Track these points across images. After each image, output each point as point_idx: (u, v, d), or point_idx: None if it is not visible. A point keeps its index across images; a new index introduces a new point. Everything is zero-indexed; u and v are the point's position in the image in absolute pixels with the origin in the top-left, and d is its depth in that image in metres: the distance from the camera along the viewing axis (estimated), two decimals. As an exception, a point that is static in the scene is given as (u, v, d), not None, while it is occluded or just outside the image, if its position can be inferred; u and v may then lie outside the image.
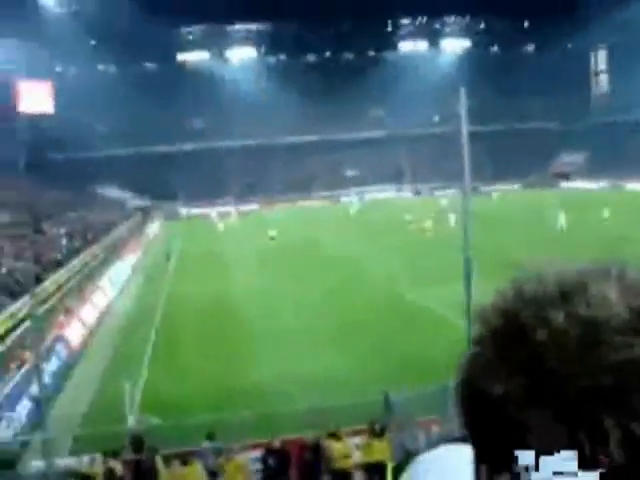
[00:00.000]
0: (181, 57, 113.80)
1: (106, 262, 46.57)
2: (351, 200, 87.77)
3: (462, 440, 0.94)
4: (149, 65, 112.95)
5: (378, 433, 14.81)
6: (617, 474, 0.66)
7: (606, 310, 0.70)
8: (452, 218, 52.78)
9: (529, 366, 0.70)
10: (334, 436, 14.97)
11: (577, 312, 0.71)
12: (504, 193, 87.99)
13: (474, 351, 0.77)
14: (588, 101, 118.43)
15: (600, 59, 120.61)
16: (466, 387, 0.77)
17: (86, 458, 15.51)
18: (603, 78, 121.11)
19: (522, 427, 0.70)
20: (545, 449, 0.68)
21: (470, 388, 0.76)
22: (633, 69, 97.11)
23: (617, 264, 0.77)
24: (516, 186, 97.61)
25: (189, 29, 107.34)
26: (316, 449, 14.81)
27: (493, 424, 0.73)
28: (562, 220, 49.42)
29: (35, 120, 59.51)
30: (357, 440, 15.55)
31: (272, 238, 53.24)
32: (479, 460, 0.76)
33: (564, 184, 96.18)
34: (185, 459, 14.20)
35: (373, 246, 47.86)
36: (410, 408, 14.98)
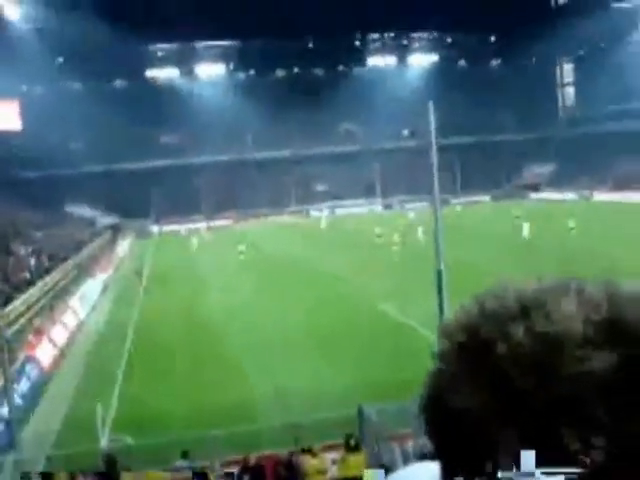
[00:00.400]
0: (150, 74, 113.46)
1: (76, 281, 46.16)
2: (321, 215, 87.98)
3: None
4: (118, 82, 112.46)
5: (353, 447, 14.78)
6: None
7: (564, 324, 0.71)
8: (419, 231, 53.74)
9: (491, 381, 0.71)
10: (309, 452, 14.92)
11: (536, 327, 0.71)
12: (467, 205, 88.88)
13: (438, 366, 0.78)
14: (556, 113, 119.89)
15: (566, 72, 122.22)
16: (431, 402, 0.78)
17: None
18: (570, 90, 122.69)
19: (486, 441, 0.70)
20: (509, 463, 0.68)
21: (435, 403, 0.77)
22: (598, 81, 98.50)
23: (576, 279, 0.78)
24: (486, 198, 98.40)
25: (158, 46, 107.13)
26: (291, 465, 14.75)
27: (458, 439, 0.73)
28: (526, 230, 49.93)
29: (3, 138, 59.01)
30: (332, 455, 15.50)
31: (241, 252, 53.59)
32: (446, 475, 0.77)
33: (533, 195, 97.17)
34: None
35: (341, 259, 48.09)
36: (385, 422, 14.97)
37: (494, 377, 0.71)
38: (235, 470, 15.06)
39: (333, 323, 30.00)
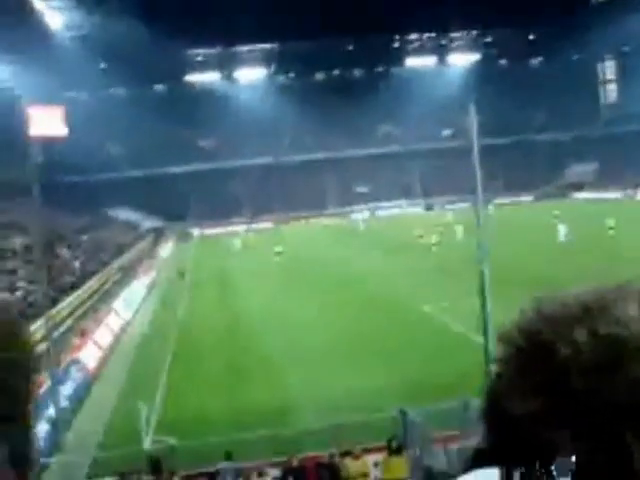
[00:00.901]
0: (190, 78, 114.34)
1: (120, 284, 46.69)
2: (360, 216, 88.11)
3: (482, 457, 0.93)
4: (159, 87, 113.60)
5: (396, 450, 14.71)
6: None
7: (629, 327, 0.70)
8: (458, 231, 53.89)
9: (552, 384, 0.70)
10: (351, 454, 14.89)
11: (599, 329, 0.71)
12: (509, 205, 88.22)
13: (498, 370, 0.77)
14: (598, 111, 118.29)
15: (608, 69, 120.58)
16: (490, 406, 0.78)
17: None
18: (612, 88, 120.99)
19: (545, 446, 0.69)
20: (567, 467, 0.68)
21: (494, 407, 0.77)
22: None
23: (637, 283, 0.77)
24: (529, 198, 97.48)
25: (198, 50, 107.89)
26: (333, 467, 14.73)
27: (517, 443, 0.72)
28: (562, 231, 49.43)
29: (47, 144, 59.89)
30: (374, 457, 15.45)
31: (278, 254, 54.33)
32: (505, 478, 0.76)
33: (576, 194, 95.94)
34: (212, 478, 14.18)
35: (379, 260, 48.36)
36: (427, 424, 14.88)
37: (555, 380, 0.70)
38: (278, 472, 15.11)
39: (368, 324, 30.08)
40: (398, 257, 49.25)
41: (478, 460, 0.81)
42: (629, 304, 0.74)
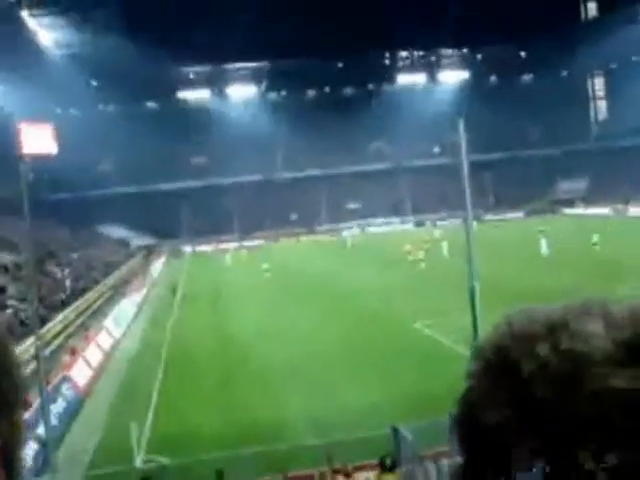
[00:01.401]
0: (182, 95, 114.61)
1: (111, 301, 46.59)
2: (349, 233, 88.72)
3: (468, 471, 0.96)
4: (150, 104, 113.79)
5: (389, 468, 14.65)
6: None
7: (588, 343, 0.74)
8: (444, 247, 55.25)
9: (517, 397, 0.74)
10: (342, 472, 14.82)
11: (561, 345, 0.75)
12: (498, 222, 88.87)
13: (470, 384, 0.81)
14: (588, 127, 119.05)
15: (598, 85, 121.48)
16: (462, 419, 0.81)
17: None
18: (602, 104, 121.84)
19: (507, 455, 0.74)
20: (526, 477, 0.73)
21: (466, 420, 0.80)
22: (630, 94, 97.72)
23: (602, 300, 0.81)
24: (520, 214, 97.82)
25: (189, 68, 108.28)
26: (326, 485, 14.65)
27: (485, 453, 0.77)
28: (544, 246, 50.52)
29: (37, 161, 59.89)
30: (365, 474, 15.38)
31: (266, 271, 55.41)
32: None
33: (567, 210, 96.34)
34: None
35: (366, 276, 48.93)
36: (419, 440, 14.85)
37: (520, 394, 0.74)
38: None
39: (349, 337, 30.57)
40: (385, 273, 49.81)
41: (464, 475, 0.83)
42: (591, 320, 0.77)
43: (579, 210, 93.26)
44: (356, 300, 39.79)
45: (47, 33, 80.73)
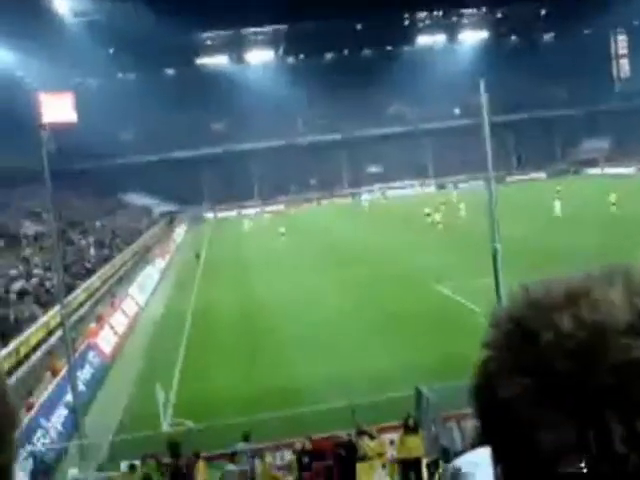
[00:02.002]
0: (201, 61, 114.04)
1: (135, 268, 46.93)
2: (367, 197, 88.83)
3: None
4: (169, 71, 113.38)
5: (412, 429, 14.75)
6: (621, 469, 0.69)
7: (610, 312, 0.73)
8: (462, 209, 56.08)
9: (536, 368, 0.73)
10: (367, 433, 14.95)
11: (581, 315, 0.73)
12: (520, 183, 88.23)
13: (487, 355, 0.80)
14: (611, 86, 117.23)
15: (620, 43, 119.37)
16: (480, 389, 0.81)
17: (124, 464, 15.61)
18: (624, 62, 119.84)
19: (531, 427, 0.73)
20: (554, 448, 0.71)
21: (483, 390, 0.80)
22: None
23: (624, 267, 0.79)
24: (542, 174, 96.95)
25: (207, 34, 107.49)
26: (350, 447, 14.79)
27: (505, 424, 0.76)
28: (558, 207, 50.63)
29: (59, 130, 60.02)
30: (390, 436, 15.51)
31: (282, 234, 56.86)
32: (497, 459, 0.79)
33: (590, 170, 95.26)
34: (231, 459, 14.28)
35: (382, 238, 49.50)
36: (442, 402, 14.92)
37: (539, 365, 0.73)
38: (294, 452, 15.20)
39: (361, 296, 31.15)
40: (402, 235, 50.26)
41: (481, 444, 0.83)
42: (613, 289, 0.76)
43: (602, 170, 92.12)
44: (372, 263, 39.97)
45: (64, 1, 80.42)
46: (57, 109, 59.11)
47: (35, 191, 45.58)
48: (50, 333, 26.93)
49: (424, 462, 14.16)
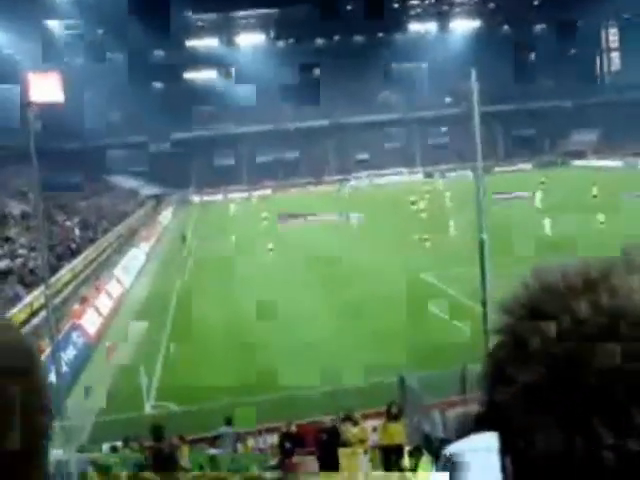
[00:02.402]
0: (190, 44, 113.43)
1: (120, 250, 46.80)
2: (354, 183, 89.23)
3: (480, 422, 0.94)
4: (158, 52, 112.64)
5: (395, 416, 14.82)
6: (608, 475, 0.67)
7: (629, 299, 0.70)
8: (447, 198, 56.74)
9: (551, 355, 0.71)
10: (350, 419, 15.01)
11: (601, 301, 0.71)
12: (491, 174, 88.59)
13: (500, 340, 0.78)
14: (601, 79, 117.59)
15: (611, 36, 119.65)
16: (492, 373, 0.78)
17: (105, 446, 15.61)
18: (615, 55, 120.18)
19: (544, 413, 0.71)
20: (549, 445, 0.69)
21: (496, 374, 0.77)
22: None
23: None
24: (529, 165, 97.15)
25: (197, 16, 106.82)
26: (332, 432, 14.85)
27: (515, 411, 0.73)
28: (538, 199, 51.51)
29: (45, 110, 59.62)
30: (373, 422, 15.58)
31: (265, 219, 57.99)
32: (503, 446, 0.77)
33: (577, 162, 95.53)
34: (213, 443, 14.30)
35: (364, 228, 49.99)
36: (425, 390, 14.99)
37: (554, 351, 0.71)
38: (276, 437, 15.25)
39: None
40: (386, 223, 50.45)
41: (475, 426, 0.82)
42: (633, 276, 0.73)
43: (590, 162, 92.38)
44: (350, 253, 39.98)
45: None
46: (44, 88, 58.69)
47: (21, 170, 45.32)
48: (34, 314, 26.83)
49: (406, 449, 14.23)
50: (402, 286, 29.34)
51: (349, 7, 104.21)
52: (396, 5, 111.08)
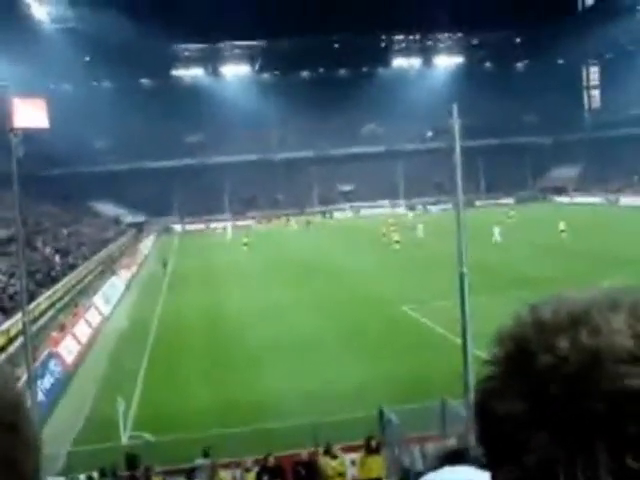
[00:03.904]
0: (176, 73, 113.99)
1: (100, 278, 46.53)
2: (344, 214, 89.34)
3: (457, 456, 0.96)
4: (144, 81, 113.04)
5: (374, 449, 14.74)
6: None
7: (610, 339, 0.72)
8: (420, 231, 58.96)
9: (532, 389, 0.73)
10: (329, 453, 14.91)
11: (581, 340, 0.72)
12: (473, 207, 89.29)
13: (488, 372, 0.80)
14: (582, 115, 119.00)
15: (592, 74, 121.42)
16: (479, 406, 0.81)
17: (82, 476, 15.40)
18: (595, 93, 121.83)
19: (522, 447, 0.73)
20: (543, 470, 0.71)
21: (482, 407, 0.80)
22: (624, 84, 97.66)
23: (633, 292, 0.78)
24: (511, 200, 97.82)
25: (184, 46, 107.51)
26: (310, 466, 14.74)
27: (499, 443, 0.76)
28: (497, 234, 52.80)
29: (30, 136, 59.59)
30: (352, 456, 15.47)
31: (245, 244, 60.06)
32: (493, 473, 0.80)
33: (558, 198, 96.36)
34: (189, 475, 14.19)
35: (337, 257, 51.10)
36: (405, 424, 14.91)
37: (535, 387, 0.73)
38: (255, 469, 15.09)
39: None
40: (359, 254, 51.76)
41: (451, 458, 0.82)
42: (616, 314, 0.74)
43: (569, 198, 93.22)
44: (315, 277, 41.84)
45: (41, 7, 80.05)
46: (29, 114, 58.71)
47: (2, 196, 45.03)
48: (11, 340, 26.54)
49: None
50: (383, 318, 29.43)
51: (334, 40, 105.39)
52: (381, 40, 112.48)
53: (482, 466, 1.13)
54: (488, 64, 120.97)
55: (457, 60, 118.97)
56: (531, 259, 42.13)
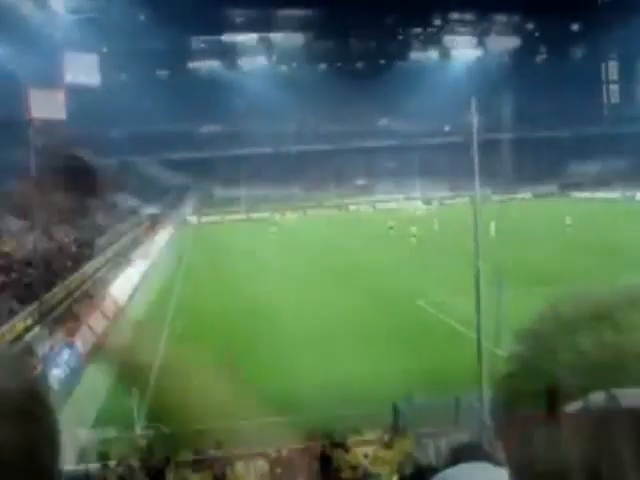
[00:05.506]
0: (193, 65, 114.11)
1: (117, 268, 46.69)
2: (358, 207, 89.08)
3: (471, 451, 0.94)
4: (162, 72, 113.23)
5: (387, 443, 14.71)
6: None
7: (631, 335, 0.72)
8: (436, 224, 58.91)
9: (555, 386, 0.73)
10: (342, 446, 14.88)
11: (603, 336, 0.73)
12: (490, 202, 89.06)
13: (509, 369, 0.81)
14: (602, 111, 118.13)
15: (612, 68, 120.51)
16: (498, 406, 0.82)
17: (97, 466, 15.45)
18: (615, 88, 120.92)
19: (546, 445, 0.73)
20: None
21: (501, 404, 0.81)
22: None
23: None
24: (528, 195, 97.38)
25: (201, 38, 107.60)
26: (324, 459, 14.71)
27: (520, 442, 0.76)
28: (492, 228, 51.96)
29: (47, 127, 59.86)
30: (365, 450, 15.44)
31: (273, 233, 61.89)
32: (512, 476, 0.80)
33: (576, 194, 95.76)
34: (198, 467, 14.17)
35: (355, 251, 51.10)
36: (419, 418, 14.88)
37: (558, 382, 0.72)
38: (268, 461, 15.09)
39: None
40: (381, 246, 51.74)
41: (465, 454, 0.80)
42: (637, 311, 0.75)
43: (587, 194, 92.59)
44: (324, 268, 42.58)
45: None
46: (47, 105, 58.92)
47: (19, 187, 45.19)
48: (27, 329, 26.69)
49: (395, 478, 14.09)
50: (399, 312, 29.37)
51: (352, 33, 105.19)
52: (399, 33, 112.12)
53: (497, 462, 1.10)
54: (507, 57, 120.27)
55: (475, 53, 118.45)
56: (523, 252, 42.68)
